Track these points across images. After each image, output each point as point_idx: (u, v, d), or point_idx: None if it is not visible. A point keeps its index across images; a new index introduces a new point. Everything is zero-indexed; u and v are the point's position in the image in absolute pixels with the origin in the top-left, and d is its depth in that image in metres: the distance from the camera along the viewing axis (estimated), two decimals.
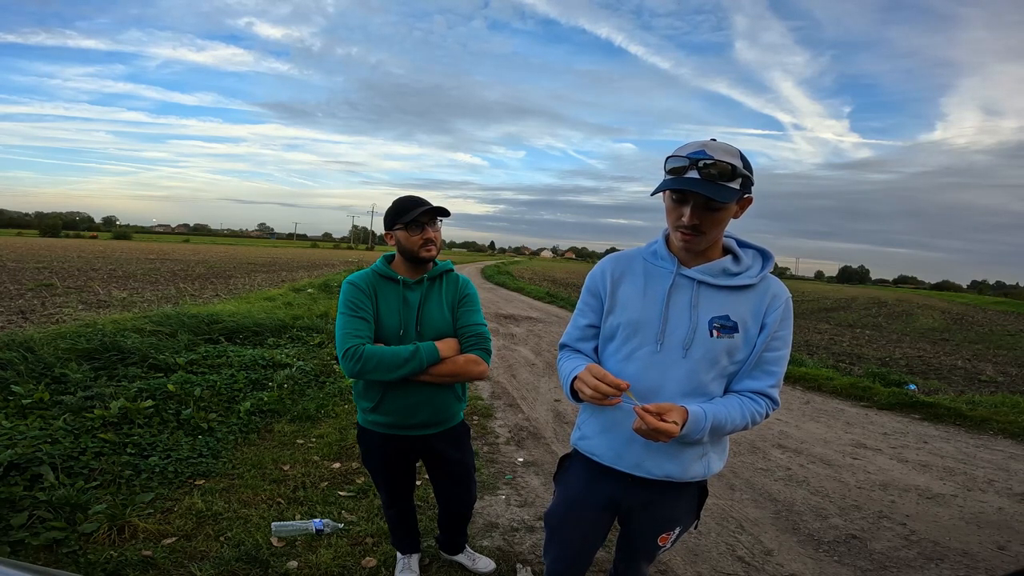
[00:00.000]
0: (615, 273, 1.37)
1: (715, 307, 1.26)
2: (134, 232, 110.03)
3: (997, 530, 2.91)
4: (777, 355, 1.28)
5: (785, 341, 1.29)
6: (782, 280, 1.32)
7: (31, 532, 2.22)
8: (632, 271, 1.35)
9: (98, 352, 4.52)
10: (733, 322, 1.25)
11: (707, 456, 1.34)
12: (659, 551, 1.46)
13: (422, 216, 1.76)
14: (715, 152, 1.15)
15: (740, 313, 1.26)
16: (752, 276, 1.27)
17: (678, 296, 1.27)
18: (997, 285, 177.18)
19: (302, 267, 24.11)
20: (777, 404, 1.30)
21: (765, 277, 1.29)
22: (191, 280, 14.80)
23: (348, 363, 1.67)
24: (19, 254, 23.27)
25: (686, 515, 1.43)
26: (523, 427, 4.28)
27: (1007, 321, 24.25)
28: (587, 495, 1.44)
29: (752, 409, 1.26)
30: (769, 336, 1.25)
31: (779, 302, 1.27)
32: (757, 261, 1.32)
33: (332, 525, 2.52)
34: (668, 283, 1.28)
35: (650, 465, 1.31)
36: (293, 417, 4.06)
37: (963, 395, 6.62)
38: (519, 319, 11.07)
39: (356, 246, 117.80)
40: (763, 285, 1.28)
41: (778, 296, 1.27)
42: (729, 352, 1.25)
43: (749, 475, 3.51)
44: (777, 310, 1.26)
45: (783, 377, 1.31)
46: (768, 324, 1.26)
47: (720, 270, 1.27)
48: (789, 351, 1.30)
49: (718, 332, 1.24)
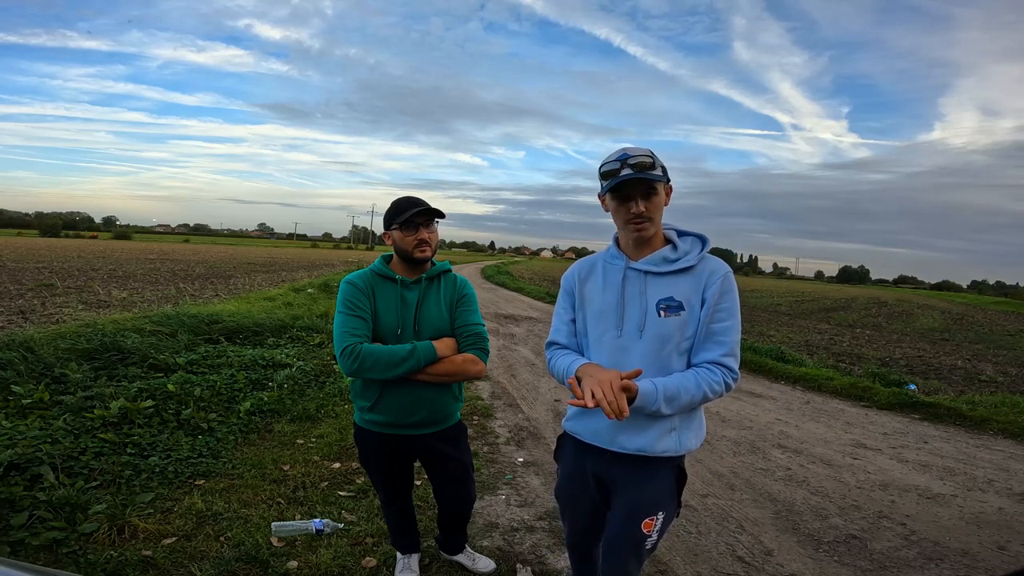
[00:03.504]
0: (581, 274, 1.56)
1: (661, 291, 1.41)
2: (134, 232, 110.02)
3: (997, 530, 2.91)
4: (723, 325, 1.40)
5: (729, 312, 1.40)
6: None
7: (31, 532, 2.22)
8: (595, 271, 1.54)
9: (98, 352, 4.52)
10: (678, 301, 1.40)
11: (676, 431, 1.44)
12: (645, 542, 1.43)
13: (416, 217, 1.77)
14: (635, 151, 1.37)
15: (683, 292, 1.40)
16: (690, 259, 1.42)
17: (630, 287, 1.45)
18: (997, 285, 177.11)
19: (302, 267, 24.12)
20: (735, 373, 1.40)
21: (703, 258, 1.45)
22: (191, 280, 14.80)
23: (346, 361, 1.68)
24: (19, 254, 23.28)
25: (666, 499, 1.48)
26: (523, 427, 4.28)
27: (1007, 321, 24.24)
28: (576, 469, 1.59)
29: (708, 379, 1.36)
30: (711, 308, 1.39)
31: (716, 277, 1.40)
32: (695, 246, 1.47)
33: (332, 525, 2.52)
34: (621, 276, 1.46)
35: (623, 440, 1.43)
36: (293, 417, 4.06)
37: (963, 395, 6.62)
38: (519, 319, 11.08)
39: (356, 246, 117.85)
40: (701, 265, 1.43)
41: (715, 272, 1.41)
42: (680, 329, 1.40)
43: (749, 475, 3.51)
44: (715, 284, 1.40)
45: (737, 347, 1.42)
46: (708, 298, 1.39)
47: (661, 259, 1.43)
48: (737, 321, 1.42)
49: (665, 312, 1.40)
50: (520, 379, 5.88)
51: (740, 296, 1.45)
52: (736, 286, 1.44)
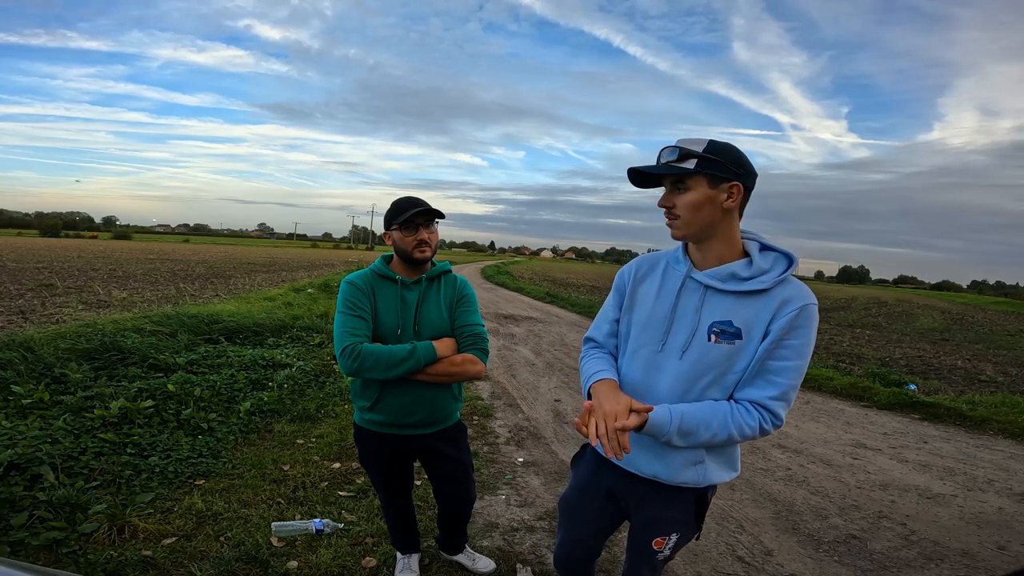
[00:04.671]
0: (639, 272, 1.40)
1: (719, 312, 1.23)
2: (134, 232, 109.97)
3: (997, 530, 2.91)
4: (783, 364, 1.19)
5: (797, 351, 1.19)
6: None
7: (31, 532, 2.22)
8: (654, 272, 1.37)
9: (98, 352, 4.52)
10: (736, 328, 1.21)
11: (703, 464, 1.30)
12: (657, 556, 1.43)
13: (416, 217, 1.77)
14: (686, 141, 1.20)
15: (745, 319, 1.21)
16: (764, 281, 1.21)
17: (686, 298, 1.28)
18: (997, 285, 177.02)
19: (302, 267, 24.11)
20: (778, 419, 1.21)
21: (783, 282, 1.21)
22: (191, 280, 14.80)
23: (345, 361, 1.69)
24: (19, 254, 23.27)
25: (683, 523, 1.40)
26: (523, 427, 4.28)
27: (1007, 321, 24.24)
28: (592, 483, 1.51)
29: (741, 419, 1.19)
30: (774, 343, 1.18)
31: (791, 308, 1.18)
32: (777, 265, 1.25)
33: (332, 525, 2.52)
34: (679, 285, 1.29)
35: (640, 463, 1.34)
36: (293, 417, 4.06)
37: (963, 395, 6.62)
38: (519, 319, 11.07)
39: (356, 246, 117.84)
40: (777, 290, 1.21)
41: (790, 302, 1.19)
42: (728, 359, 1.22)
43: (749, 475, 3.51)
44: (786, 316, 1.18)
45: (793, 393, 1.21)
46: (773, 331, 1.19)
47: (728, 274, 1.23)
48: (803, 363, 1.20)
49: (716, 338, 1.22)
50: (520, 379, 5.88)
51: None
52: (816, 323, 1.21)
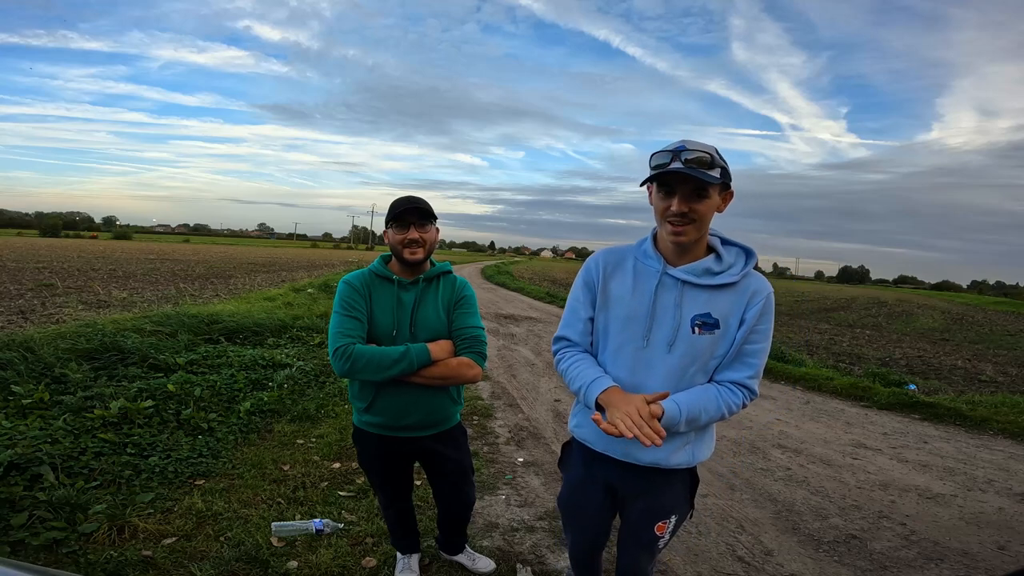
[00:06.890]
0: (607, 267, 1.42)
1: (698, 305, 1.32)
2: (134, 232, 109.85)
3: (997, 530, 2.91)
4: (757, 347, 1.34)
5: (765, 335, 1.34)
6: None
7: (31, 532, 2.22)
8: (623, 268, 1.41)
9: (98, 352, 4.52)
10: (715, 319, 1.31)
11: (690, 445, 1.41)
12: (658, 542, 1.48)
13: (407, 215, 1.75)
14: (693, 145, 1.24)
15: (721, 310, 1.32)
16: (733, 274, 1.33)
17: (664, 295, 1.34)
18: (997, 285, 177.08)
19: (302, 267, 24.11)
20: (755, 394, 1.36)
21: (747, 274, 1.35)
22: (191, 280, 14.80)
23: (338, 362, 1.68)
24: (19, 254, 23.27)
25: (680, 503, 1.48)
26: (523, 427, 4.28)
27: (1007, 321, 24.24)
28: (587, 478, 1.53)
29: (728, 400, 1.33)
30: (749, 330, 1.32)
31: (759, 298, 1.32)
32: (740, 259, 1.37)
33: (332, 525, 2.52)
34: (655, 282, 1.35)
35: (637, 452, 1.38)
36: (293, 417, 4.06)
37: (963, 395, 6.62)
38: (519, 319, 11.07)
39: (356, 246, 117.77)
40: (744, 282, 1.34)
41: (758, 292, 1.33)
42: (711, 347, 1.33)
43: (749, 475, 3.51)
44: (757, 305, 1.32)
45: (763, 368, 1.37)
46: (748, 319, 1.32)
47: (703, 270, 1.32)
48: (769, 344, 1.37)
49: (700, 329, 1.31)
50: (520, 379, 5.88)
51: None
52: (774, 308, 1.38)
